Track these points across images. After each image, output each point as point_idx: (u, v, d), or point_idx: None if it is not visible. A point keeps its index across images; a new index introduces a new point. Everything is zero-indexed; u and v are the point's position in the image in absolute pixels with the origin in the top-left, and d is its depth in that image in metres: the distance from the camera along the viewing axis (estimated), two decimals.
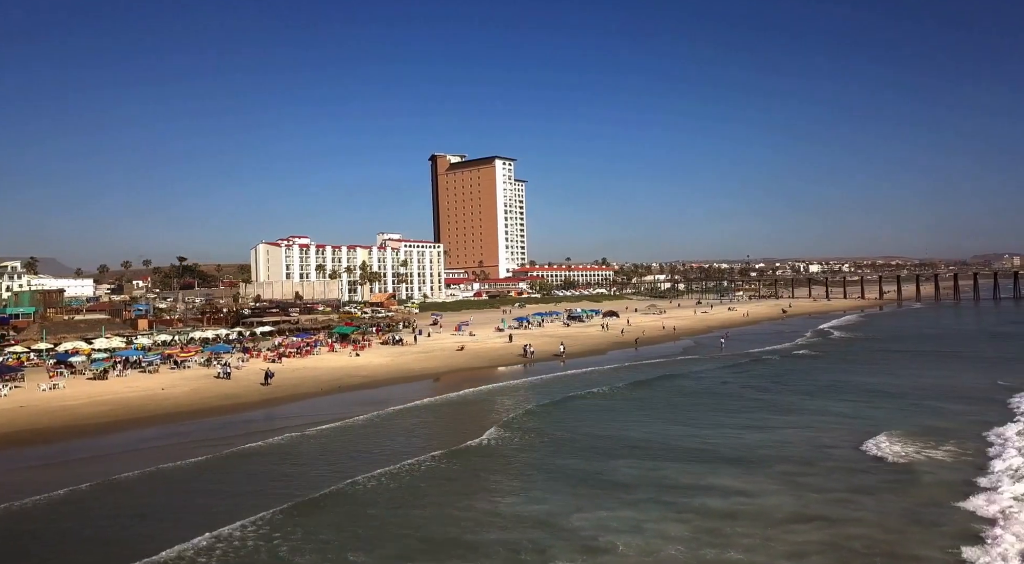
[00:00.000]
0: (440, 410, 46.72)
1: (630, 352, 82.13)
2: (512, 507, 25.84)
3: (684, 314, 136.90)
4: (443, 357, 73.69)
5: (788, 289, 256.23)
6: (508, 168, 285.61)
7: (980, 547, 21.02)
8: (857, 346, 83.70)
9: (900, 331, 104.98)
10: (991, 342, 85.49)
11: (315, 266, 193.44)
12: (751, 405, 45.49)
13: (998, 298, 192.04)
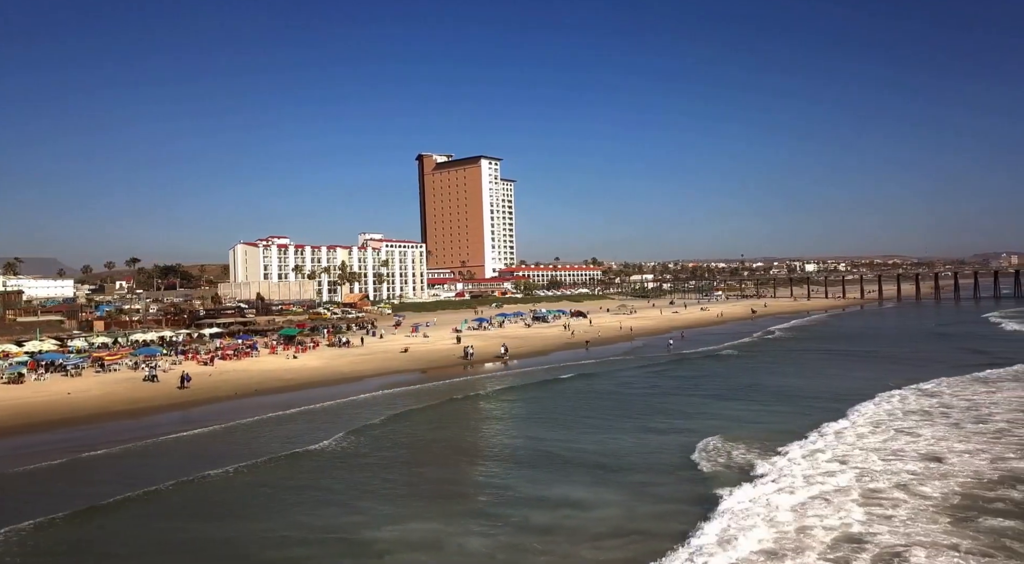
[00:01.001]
0: (324, 414, 45.69)
1: (578, 352, 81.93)
2: (321, 519, 25.08)
3: (653, 314, 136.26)
4: (381, 360, 73.07)
5: (778, 288, 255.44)
6: (494, 168, 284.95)
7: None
8: (789, 346, 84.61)
9: (847, 331, 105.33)
10: (922, 342, 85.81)
11: (293, 266, 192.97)
12: (648, 409, 44.95)
13: (977, 297, 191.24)
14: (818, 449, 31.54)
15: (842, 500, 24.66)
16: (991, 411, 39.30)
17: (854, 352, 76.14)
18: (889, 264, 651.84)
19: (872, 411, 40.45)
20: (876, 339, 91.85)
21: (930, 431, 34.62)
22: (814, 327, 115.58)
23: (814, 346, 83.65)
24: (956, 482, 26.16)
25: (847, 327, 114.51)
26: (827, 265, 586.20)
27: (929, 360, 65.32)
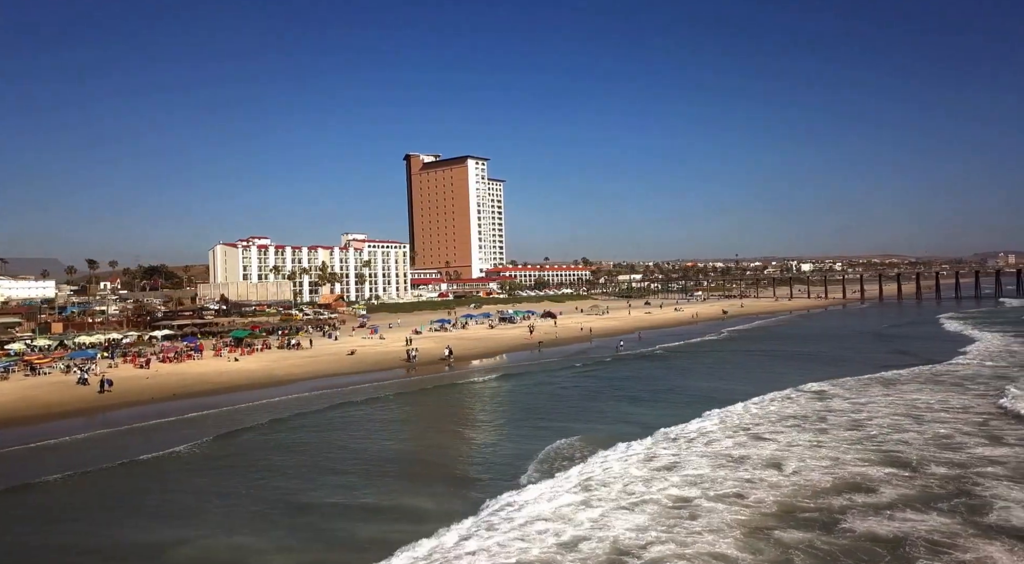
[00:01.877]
0: (217, 417, 45.50)
1: (526, 354, 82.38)
2: (118, 529, 24.92)
3: (622, 316, 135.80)
4: (323, 362, 72.76)
5: (768, 288, 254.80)
6: (481, 168, 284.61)
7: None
8: (730, 347, 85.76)
9: (798, 332, 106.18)
10: (859, 342, 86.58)
11: (273, 267, 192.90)
12: (546, 412, 45.40)
13: (959, 297, 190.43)
14: (653, 454, 31.43)
15: (634, 507, 24.34)
16: (870, 415, 39.21)
17: (785, 352, 77.35)
18: (886, 264, 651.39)
19: (741, 412, 40.96)
20: (817, 339, 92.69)
21: (787, 437, 34.34)
22: (772, 328, 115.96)
23: (754, 347, 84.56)
24: (779, 492, 25.70)
25: (803, 328, 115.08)
26: (824, 264, 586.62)
27: (849, 360, 66.00)
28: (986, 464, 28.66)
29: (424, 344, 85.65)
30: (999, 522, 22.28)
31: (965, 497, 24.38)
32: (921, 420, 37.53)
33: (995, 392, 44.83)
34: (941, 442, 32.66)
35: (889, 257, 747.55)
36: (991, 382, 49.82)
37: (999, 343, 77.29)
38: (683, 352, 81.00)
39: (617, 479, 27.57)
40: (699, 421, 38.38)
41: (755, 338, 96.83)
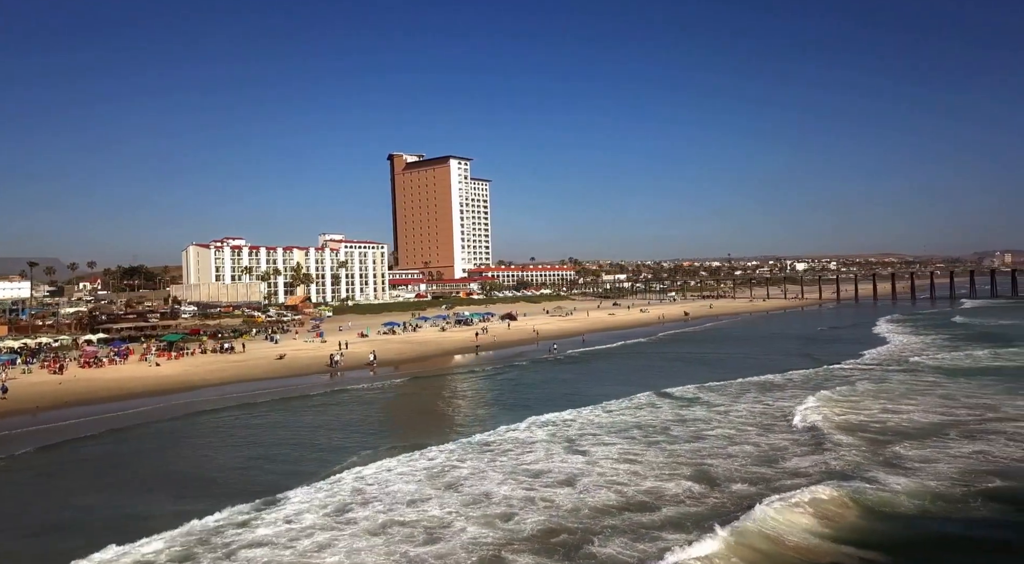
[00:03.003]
0: (72, 427, 44.49)
1: (462, 357, 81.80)
2: None
3: (582, 317, 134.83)
4: (247, 366, 71.73)
5: (754, 288, 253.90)
6: (464, 168, 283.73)
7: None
8: (653, 349, 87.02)
9: (737, 334, 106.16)
10: (781, 344, 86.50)
11: (248, 267, 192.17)
12: (399, 420, 44.49)
13: (933, 298, 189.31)
14: (449, 465, 30.61)
15: (377, 531, 23.42)
16: (720, 423, 38.42)
17: (698, 354, 78.59)
18: (883, 262, 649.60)
19: (586, 418, 40.85)
20: (745, 341, 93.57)
21: (609, 449, 33.46)
22: (717, 329, 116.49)
23: (676, 349, 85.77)
24: (547, 514, 24.50)
25: (746, 329, 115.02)
26: (818, 263, 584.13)
27: (751, 363, 65.86)
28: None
29: (360, 348, 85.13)
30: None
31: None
32: (771, 430, 36.76)
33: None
34: (769, 454, 31.90)
35: (887, 256, 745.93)
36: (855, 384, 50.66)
37: (898, 345, 78.72)
38: (607, 355, 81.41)
39: (381, 497, 26.67)
40: (527, 429, 37.73)
41: (686, 340, 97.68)
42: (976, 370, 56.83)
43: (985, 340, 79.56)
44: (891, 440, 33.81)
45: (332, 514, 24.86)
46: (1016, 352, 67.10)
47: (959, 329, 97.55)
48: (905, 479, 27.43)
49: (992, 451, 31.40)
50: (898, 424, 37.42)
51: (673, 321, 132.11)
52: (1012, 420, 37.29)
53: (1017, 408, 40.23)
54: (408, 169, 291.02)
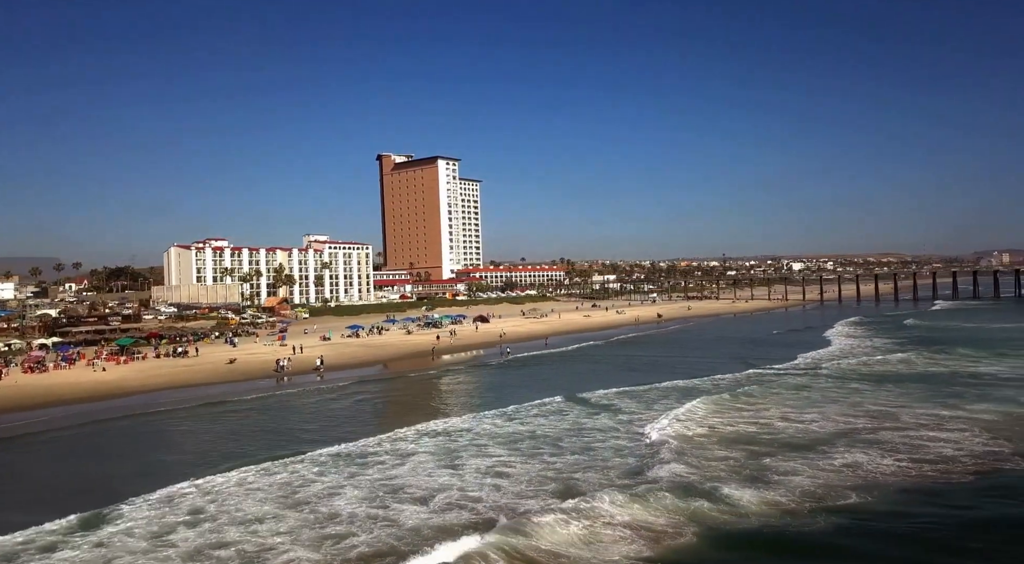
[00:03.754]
0: None
1: (415, 362, 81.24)
2: None
3: (552, 319, 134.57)
4: (195, 371, 71.51)
5: (742, 288, 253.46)
6: (452, 168, 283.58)
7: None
8: (611, 351, 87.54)
9: (694, 337, 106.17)
10: (729, 347, 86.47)
11: (228, 268, 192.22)
12: (293, 428, 44.21)
13: (916, 299, 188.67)
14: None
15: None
16: (596, 437, 38.01)
17: (639, 358, 78.60)
18: (882, 262, 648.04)
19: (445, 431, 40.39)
20: (691, 345, 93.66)
21: (400, 469, 32.62)
22: (680, 331, 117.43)
23: (624, 352, 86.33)
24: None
25: (707, 332, 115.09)
26: (816, 263, 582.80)
27: (678, 370, 65.70)
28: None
29: (316, 352, 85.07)
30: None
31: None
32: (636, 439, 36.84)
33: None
34: (639, 466, 31.75)
35: (887, 255, 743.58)
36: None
37: (838, 349, 79.28)
38: (555, 358, 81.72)
39: (216, 516, 25.87)
40: (415, 439, 37.81)
41: (643, 343, 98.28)
42: (900, 376, 56.65)
43: (924, 344, 79.41)
44: (770, 451, 33.60)
45: (151, 536, 24.27)
46: (947, 358, 66.63)
47: (907, 333, 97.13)
48: (753, 492, 27.16)
49: (864, 464, 31.11)
50: (788, 433, 37.22)
51: (646, 323, 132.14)
52: (903, 429, 37.03)
53: (916, 417, 39.97)
54: (396, 169, 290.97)
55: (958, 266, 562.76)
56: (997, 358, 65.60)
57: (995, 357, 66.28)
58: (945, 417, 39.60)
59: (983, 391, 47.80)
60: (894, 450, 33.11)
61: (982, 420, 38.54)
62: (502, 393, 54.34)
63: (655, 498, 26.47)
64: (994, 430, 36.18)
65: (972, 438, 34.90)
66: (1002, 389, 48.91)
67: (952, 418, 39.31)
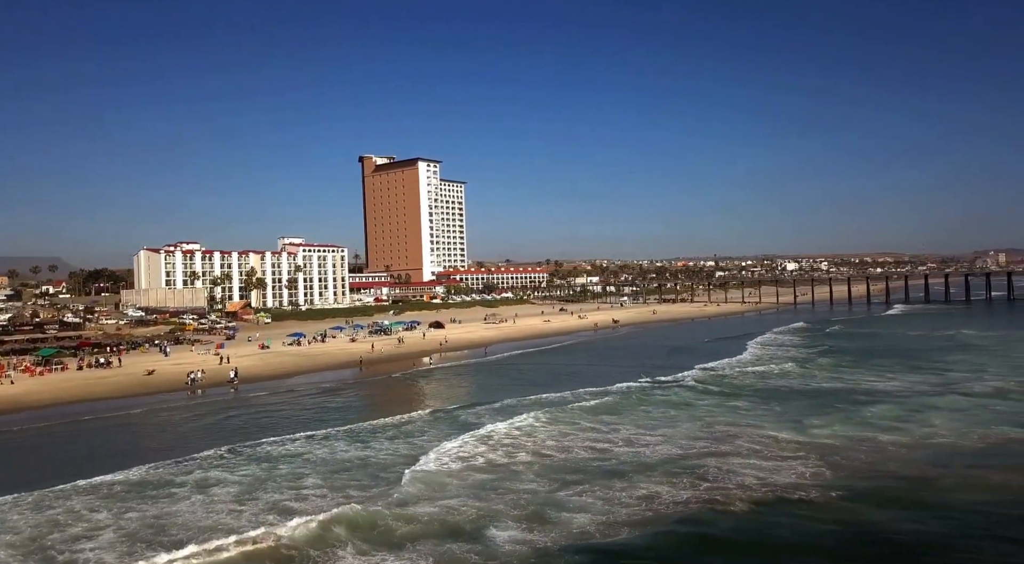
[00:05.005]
0: None
1: (337, 373, 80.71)
2: None
3: (508, 325, 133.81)
4: (106, 384, 70.91)
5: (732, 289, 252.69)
6: (433, 169, 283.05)
7: None
8: (540, 359, 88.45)
9: (630, 343, 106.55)
10: (646, 358, 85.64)
11: (199, 272, 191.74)
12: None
13: (888, 302, 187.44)
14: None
15: None
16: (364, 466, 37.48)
17: (554, 367, 79.47)
18: (877, 262, 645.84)
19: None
20: (615, 353, 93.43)
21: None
22: (623, 336, 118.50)
23: (546, 360, 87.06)
24: None
25: (642, 338, 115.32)
26: (810, 263, 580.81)
27: (577, 380, 65.98)
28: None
29: (246, 363, 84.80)
30: None
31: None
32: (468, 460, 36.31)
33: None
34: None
35: (884, 254, 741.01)
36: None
37: (745, 357, 79.66)
38: (478, 368, 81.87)
39: None
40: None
41: (575, 350, 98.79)
42: (782, 392, 56.19)
43: (830, 355, 79.41)
44: (579, 480, 33.06)
45: None
46: (855, 370, 65.70)
47: (824, 341, 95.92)
48: (518, 534, 26.59)
49: (662, 495, 30.59)
50: (617, 458, 36.72)
51: (602, 328, 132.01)
52: (730, 455, 36.45)
53: (754, 441, 39.52)
54: (378, 171, 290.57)
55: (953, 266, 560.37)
56: (905, 372, 64.82)
57: (905, 371, 65.54)
58: (784, 442, 39.02)
59: (852, 412, 46.99)
60: (703, 479, 32.61)
61: (821, 446, 37.94)
62: (372, 411, 53.61)
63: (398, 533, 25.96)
64: (825, 458, 35.51)
65: (793, 466, 34.33)
66: (874, 406, 48.23)
67: (791, 443, 38.75)
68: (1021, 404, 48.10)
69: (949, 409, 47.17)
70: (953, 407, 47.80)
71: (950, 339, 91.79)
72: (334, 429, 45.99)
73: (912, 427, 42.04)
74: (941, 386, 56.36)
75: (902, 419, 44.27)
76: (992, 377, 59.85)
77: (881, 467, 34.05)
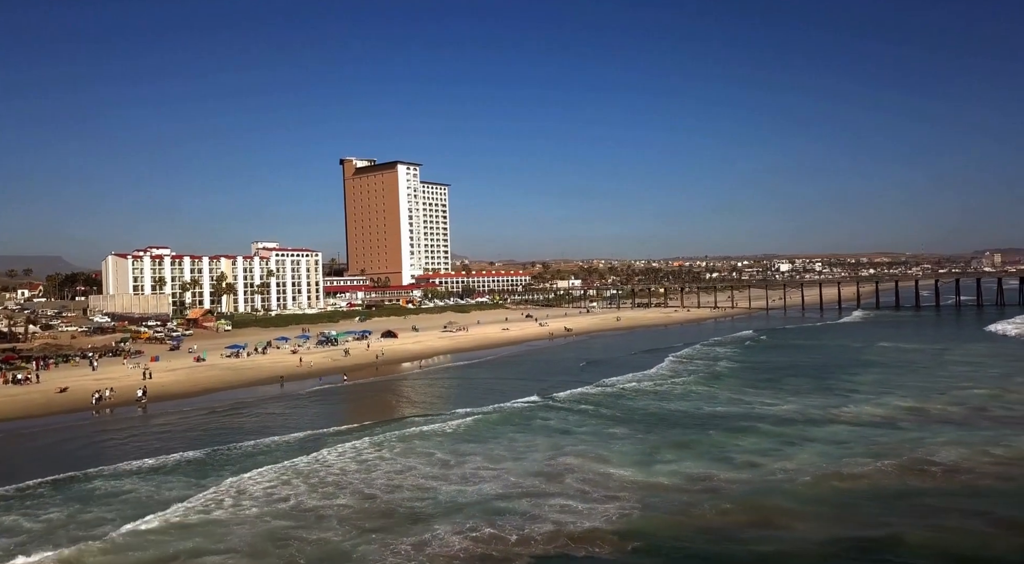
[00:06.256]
0: None
1: (248, 391, 79.21)
2: None
3: (460, 335, 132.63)
4: (14, 403, 69.85)
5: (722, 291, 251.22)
6: (413, 172, 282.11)
7: None
8: (457, 373, 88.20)
9: (563, 355, 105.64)
10: (563, 374, 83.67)
11: (168, 277, 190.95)
12: None
13: (843, 307, 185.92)
14: None
15: None
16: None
17: (467, 383, 79.37)
18: (873, 262, 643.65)
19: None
20: (536, 367, 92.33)
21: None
22: (560, 347, 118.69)
23: (466, 374, 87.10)
24: None
25: (579, 349, 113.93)
26: (803, 264, 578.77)
27: (467, 398, 65.16)
28: None
29: (167, 378, 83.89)
30: None
31: None
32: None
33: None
34: None
35: (882, 254, 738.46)
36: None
37: (652, 372, 78.94)
38: (379, 387, 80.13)
39: None
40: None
41: (508, 363, 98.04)
42: (663, 417, 54.67)
43: (745, 372, 78.01)
44: (380, 527, 31.70)
45: None
46: (734, 398, 62.83)
47: (751, 356, 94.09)
48: None
49: (438, 546, 29.35)
50: (434, 497, 35.42)
51: (557, 337, 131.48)
52: (544, 496, 35.09)
53: (585, 475, 38.32)
54: (357, 174, 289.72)
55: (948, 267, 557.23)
56: (809, 393, 63.46)
57: (810, 392, 64.22)
58: (616, 479, 37.76)
59: (719, 443, 45.21)
60: (498, 526, 31.31)
61: (651, 486, 36.64)
62: (240, 436, 52.09)
63: None
64: (644, 500, 34.14)
65: (606, 510, 33.00)
66: (747, 437, 46.70)
67: (623, 481, 37.46)
68: (898, 434, 46.53)
69: (824, 441, 45.49)
70: (829, 439, 46.04)
71: (882, 353, 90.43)
72: (185, 455, 45.14)
73: (767, 463, 40.40)
74: (834, 410, 54.70)
75: (764, 453, 42.64)
76: (895, 399, 58.30)
77: (693, 512, 32.75)
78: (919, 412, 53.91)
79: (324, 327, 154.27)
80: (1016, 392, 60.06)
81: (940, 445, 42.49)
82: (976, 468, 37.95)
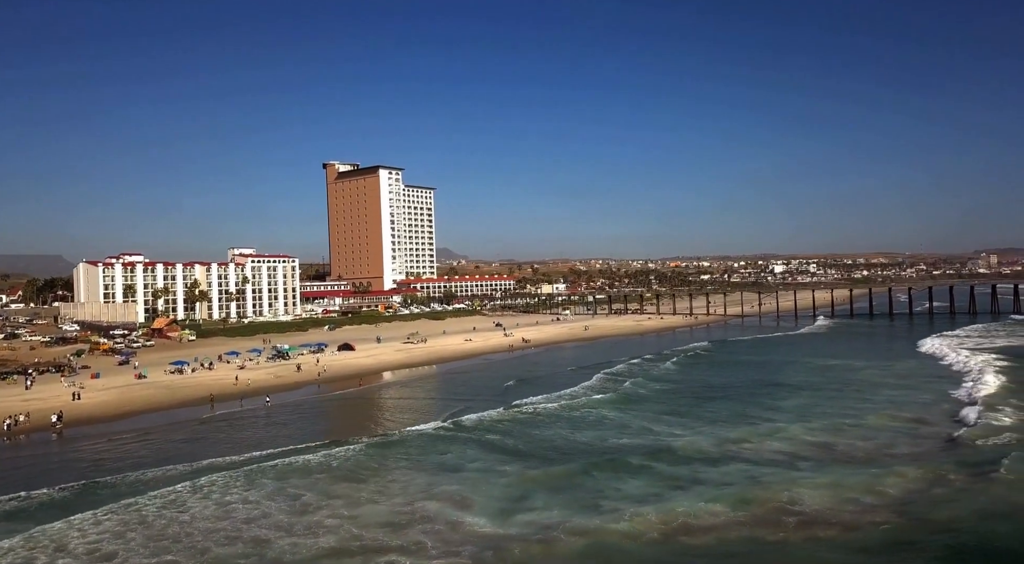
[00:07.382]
0: None
1: (186, 412, 77.98)
2: None
3: (418, 348, 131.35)
4: None
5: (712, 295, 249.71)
6: (395, 177, 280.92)
7: None
8: (392, 391, 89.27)
9: (503, 371, 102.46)
10: (487, 393, 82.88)
11: (128, 286, 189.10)
12: None
13: (807, 315, 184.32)
14: None
15: None
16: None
17: (384, 404, 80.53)
18: (871, 263, 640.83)
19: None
20: (470, 383, 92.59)
21: None
22: (516, 358, 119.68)
23: (392, 393, 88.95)
24: None
25: (529, 362, 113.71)
26: (798, 265, 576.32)
27: (365, 425, 64.86)
28: None
29: (100, 396, 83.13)
30: None
31: None
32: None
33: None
34: None
35: (880, 254, 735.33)
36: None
37: (578, 391, 78.45)
38: (287, 408, 78.74)
39: None
40: None
41: (445, 379, 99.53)
42: (563, 451, 53.21)
43: (669, 395, 76.34)
44: None
45: None
46: (645, 427, 61.10)
47: (687, 373, 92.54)
48: None
49: None
50: (261, 554, 34.25)
51: (517, 349, 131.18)
52: (383, 552, 33.89)
53: (438, 527, 37.02)
54: (340, 179, 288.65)
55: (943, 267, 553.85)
56: (726, 421, 61.95)
57: (728, 419, 62.73)
58: (467, 532, 36.44)
59: (603, 486, 43.06)
60: None
61: (499, 539, 35.33)
62: (114, 469, 51.38)
63: None
64: (479, 557, 33.05)
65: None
66: (638, 478, 44.80)
67: (472, 535, 36.14)
68: (785, 474, 44.88)
69: (710, 483, 43.57)
70: (717, 480, 43.89)
71: (823, 371, 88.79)
72: (39, 492, 44.22)
73: (631, 513, 38.12)
74: (738, 446, 52.78)
75: (639, 500, 40.28)
76: (805, 433, 56.61)
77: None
78: (822, 447, 52.37)
79: (291, 337, 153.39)
80: (933, 426, 58.60)
81: (815, 488, 41.09)
82: (832, 517, 36.71)
